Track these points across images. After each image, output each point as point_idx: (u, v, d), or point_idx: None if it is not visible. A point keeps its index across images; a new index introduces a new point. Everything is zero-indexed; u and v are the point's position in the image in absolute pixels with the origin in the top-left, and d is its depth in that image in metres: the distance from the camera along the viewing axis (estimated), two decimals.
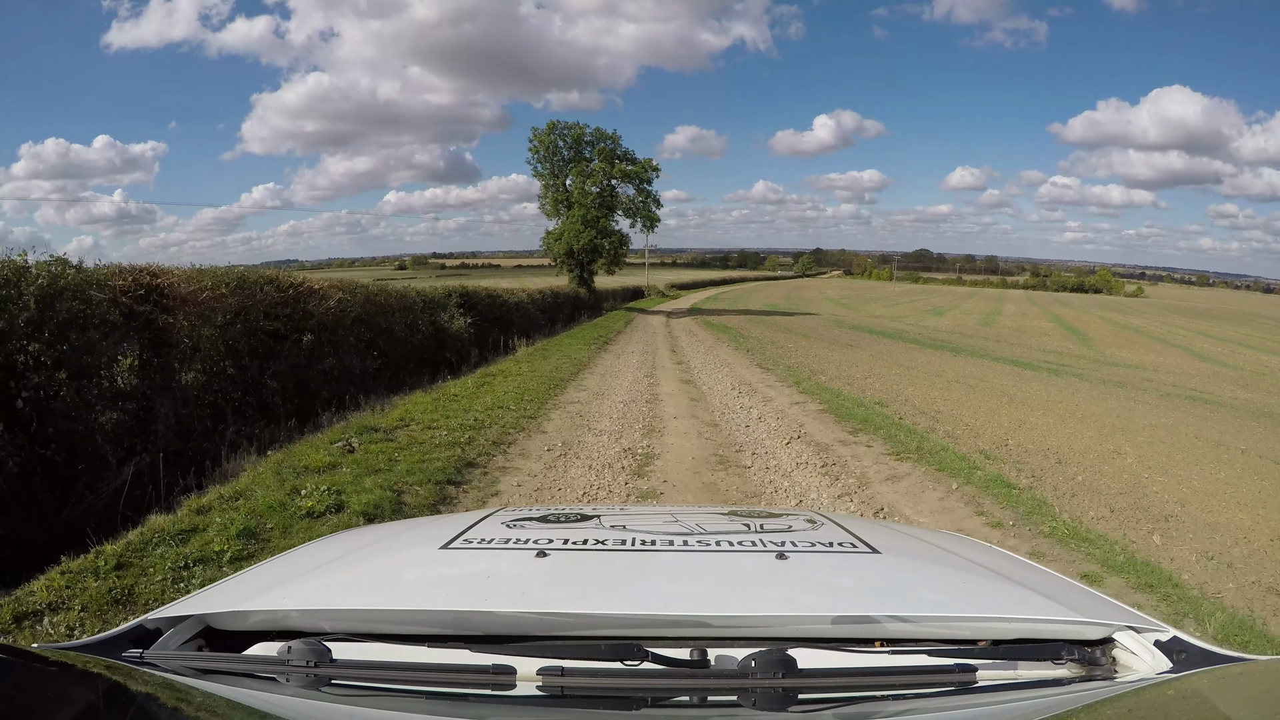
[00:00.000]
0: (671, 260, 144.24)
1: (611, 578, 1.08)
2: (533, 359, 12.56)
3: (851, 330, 25.94)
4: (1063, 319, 42.60)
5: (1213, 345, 29.94)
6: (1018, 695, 0.84)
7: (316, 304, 8.64)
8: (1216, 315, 54.15)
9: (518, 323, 16.67)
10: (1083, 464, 6.01)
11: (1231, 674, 0.88)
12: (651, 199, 32.40)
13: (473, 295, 14.58)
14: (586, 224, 30.53)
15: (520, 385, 9.31)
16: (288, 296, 8.30)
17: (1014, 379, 13.01)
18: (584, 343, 16.05)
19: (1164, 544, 4.24)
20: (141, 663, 0.88)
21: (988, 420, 8.19)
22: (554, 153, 32.28)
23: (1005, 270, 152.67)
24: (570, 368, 11.53)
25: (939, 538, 1.54)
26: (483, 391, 8.81)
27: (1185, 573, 3.81)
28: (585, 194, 31.21)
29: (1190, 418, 9.25)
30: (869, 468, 5.85)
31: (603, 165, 31.53)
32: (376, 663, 0.86)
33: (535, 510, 1.51)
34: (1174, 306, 67.81)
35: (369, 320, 9.95)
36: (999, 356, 18.54)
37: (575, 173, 31.65)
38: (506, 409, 7.71)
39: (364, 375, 9.32)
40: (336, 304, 8.97)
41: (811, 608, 0.98)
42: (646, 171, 32.47)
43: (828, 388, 9.99)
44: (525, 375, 10.32)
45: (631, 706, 0.79)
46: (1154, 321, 44.19)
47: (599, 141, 32.41)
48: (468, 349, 12.83)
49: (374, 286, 10.87)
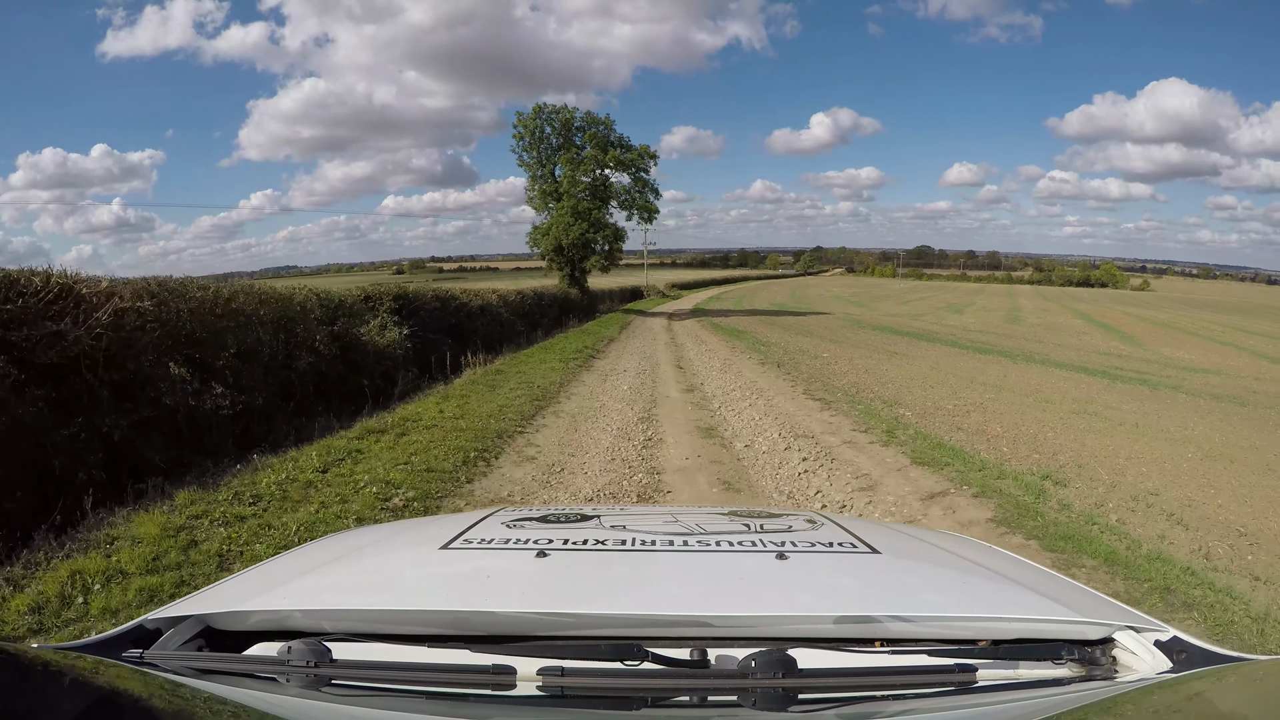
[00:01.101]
0: (671, 261, 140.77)
1: (611, 578, 1.07)
2: (474, 391, 8.62)
3: (877, 332, 22.61)
4: (1090, 315, 39.93)
5: (1260, 342, 26.68)
6: (1018, 695, 0.82)
7: (78, 321, 5.02)
8: (1236, 309, 51.05)
9: (482, 332, 13.02)
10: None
11: (1232, 674, 0.85)
12: (649, 188, 28.56)
13: (415, 298, 10.94)
14: (577, 216, 26.64)
15: (416, 454, 5.43)
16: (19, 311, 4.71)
17: (1112, 394, 10.28)
18: (562, 358, 12.17)
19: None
20: (141, 663, 0.86)
21: (1203, 490, 4.74)
22: (541, 140, 28.47)
23: (1008, 266, 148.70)
24: (524, 405, 7.65)
25: (939, 538, 1.49)
26: (332, 477, 4.91)
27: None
28: (575, 184, 27.29)
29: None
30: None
31: (595, 153, 27.72)
32: (376, 663, 0.84)
33: (535, 510, 1.47)
34: (1187, 299, 65.06)
35: (209, 338, 6.34)
36: (1061, 362, 15.48)
37: (564, 161, 27.72)
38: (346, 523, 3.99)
39: (177, 434, 5.70)
40: (127, 317, 5.35)
41: (811, 608, 0.96)
42: (643, 159, 28.65)
43: (934, 439, 6.34)
44: (444, 427, 6.39)
45: (631, 706, 0.77)
46: (1180, 316, 41.44)
47: (590, 127, 28.58)
48: (396, 371, 9.18)
49: (231, 288, 7.23)
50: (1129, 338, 27.14)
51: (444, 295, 12.03)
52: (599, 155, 27.56)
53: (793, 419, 7.23)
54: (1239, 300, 67.45)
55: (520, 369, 10.50)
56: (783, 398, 8.55)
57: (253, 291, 7.37)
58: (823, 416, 7.39)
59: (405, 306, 10.41)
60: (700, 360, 12.65)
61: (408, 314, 10.36)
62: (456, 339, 11.76)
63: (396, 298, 10.30)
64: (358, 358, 8.70)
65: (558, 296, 22.61)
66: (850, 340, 18.63)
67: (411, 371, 9.73)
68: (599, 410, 7.71)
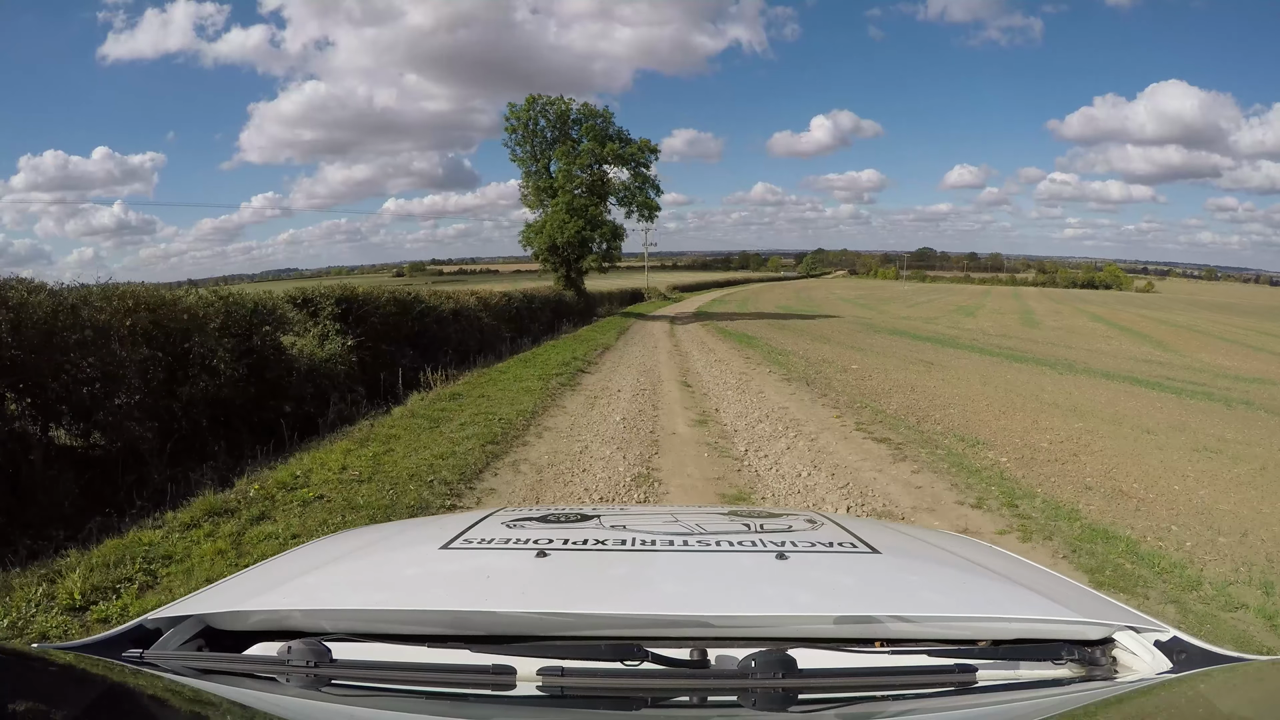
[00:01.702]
0: (673, 263, 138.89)
1: (611, 578, 1.06)
2: (408, 429, 6.30)
3: (896, 337, 20.91)
4: (1104, 318, 38.31)
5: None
6: (1018, 695, 0.81)
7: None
8: (1248, 310, 49.30)
9: (455, 340, 11.02)
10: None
11: (1231, 674, 0.84)
12: (649, 184, 26.52)
13: (365, 301, 8.94)
14: (573, 213, 24.51)
15: (265, 560, 3.58)
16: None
17: (1195, 414, 8.51)
18: (544, 373, 9.87)
19: None
20: (141, 663, 0.85)
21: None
22: (535, 133, 26.48)
23: (1010, 267, 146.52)
24: (470, 453, 5.45)
25: (939, 538, 1.47)
26: (93, 620, 2.81)
27: None
28: (571, 178, 25.23)
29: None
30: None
31: (592, 146, 25.71)
32: (376, 663, 0.83)
33: (535, 510, 1.45)
34: (1194, 301, 63.36)
35: (41, 362, 4.38)
36: (1107, 371, 13.57)
37: (560, 154, 25.63)
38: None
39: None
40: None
41: (811, 608, 0.94)
42: (643, 153, 26.61)
43: (1073, 512, 4.38)
44: (332, 501, 4.28)
45: (631, 706, 0.77)
46: (1197, 318, 39.72)
47: (587, 119, 26.55)
48: (327, 394, 7.20)
49: (81, 293, 5.23)
50: (1159, 343, 25.33)
51: (404, 298, 9.93)
52: (596, 149, 25.55)
53: (859, 477, 5.13)
54: (1247, 302, 65.70)
55: (486, 390, 8.30)
56: (830, 435, 6.41)
57: (116, 295, 5.38)
58: (899, 472, 5.28)
59: (352, 311, 8.40)
60: (711, 375, 10.61)
61: (354, 321, 8.37)
62: (421, 350, 9.78)
63: (340, 300, 8.29)
64: (277, 377, 6.71)
65: (550, 299, 20.58)
66: (872, 347, 16.71)
67: (355, 392, 7.75)
68: (577, 460, 5.50)
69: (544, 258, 25.37)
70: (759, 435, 6.43)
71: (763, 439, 6.28)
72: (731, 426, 6.83)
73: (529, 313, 17.36)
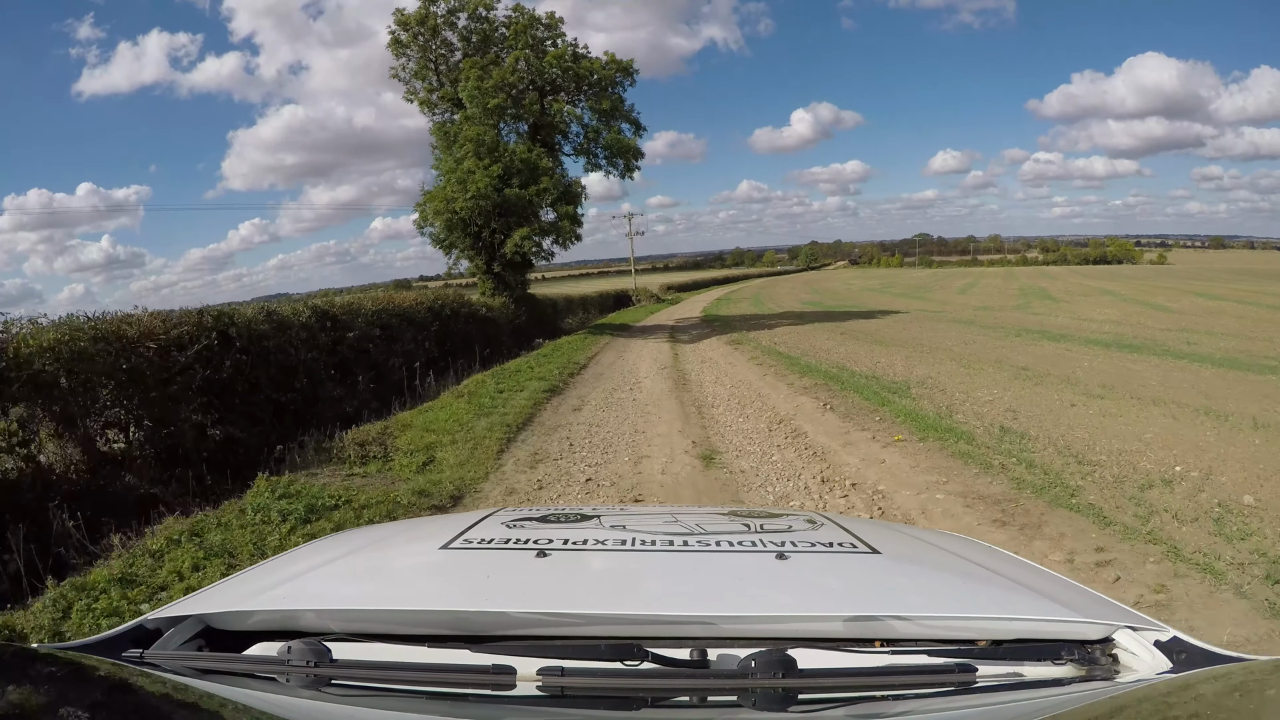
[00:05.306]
0: (663, 265, 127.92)
1: (611, 577, 1.03)
2: None
3: (1014, 337, 11.67)
4: (1208, 293, 27.63)
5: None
6: (1018, 695, 0.79)
7: None
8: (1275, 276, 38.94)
9: None
10: None
11: (1231, 674, 0.81)
12: (622, 115, 15.90)
13: None
14: (490, 155, 13.75)
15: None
16: None
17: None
18: None
19: None
20: (142, 663, 0.83)
21: None
22: (430, 52, 16.08)
23: (1011, 249, 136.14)
24: None
25: (939, 538, 1.43)
26: None
27: None
28: (488, 97, 14.32)
29: None
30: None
31: (523, 55, 15.23)
32: (376, 663, 0.81)
33: (535, 510, 1.41)
34: (1215, 269, 53.24)
35: None
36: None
37: (469, 66, 14.88)
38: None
39: None
40: None
41: (811, 608, 0.92)
42: (612, 72, 16.23)
43: None
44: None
45: (631, 706, 0.75)
46: (1236, 289, 29.66)
47: (525, 30, 16.13)
48: None
49: None
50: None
51: None
52: (532, 60, 15.06)
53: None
54: (1268, 268, 55.93)
55: None
56: None
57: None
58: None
59: None
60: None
61: None
62: None
63: None
64: None
65: (427, 317, 9.78)
66: (1054, 372, 6.51)
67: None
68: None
69: (447, 242, 14.66)
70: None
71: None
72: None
73: (358, 348, 6.86)
